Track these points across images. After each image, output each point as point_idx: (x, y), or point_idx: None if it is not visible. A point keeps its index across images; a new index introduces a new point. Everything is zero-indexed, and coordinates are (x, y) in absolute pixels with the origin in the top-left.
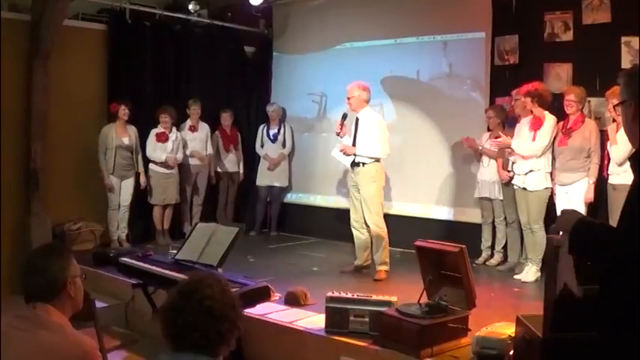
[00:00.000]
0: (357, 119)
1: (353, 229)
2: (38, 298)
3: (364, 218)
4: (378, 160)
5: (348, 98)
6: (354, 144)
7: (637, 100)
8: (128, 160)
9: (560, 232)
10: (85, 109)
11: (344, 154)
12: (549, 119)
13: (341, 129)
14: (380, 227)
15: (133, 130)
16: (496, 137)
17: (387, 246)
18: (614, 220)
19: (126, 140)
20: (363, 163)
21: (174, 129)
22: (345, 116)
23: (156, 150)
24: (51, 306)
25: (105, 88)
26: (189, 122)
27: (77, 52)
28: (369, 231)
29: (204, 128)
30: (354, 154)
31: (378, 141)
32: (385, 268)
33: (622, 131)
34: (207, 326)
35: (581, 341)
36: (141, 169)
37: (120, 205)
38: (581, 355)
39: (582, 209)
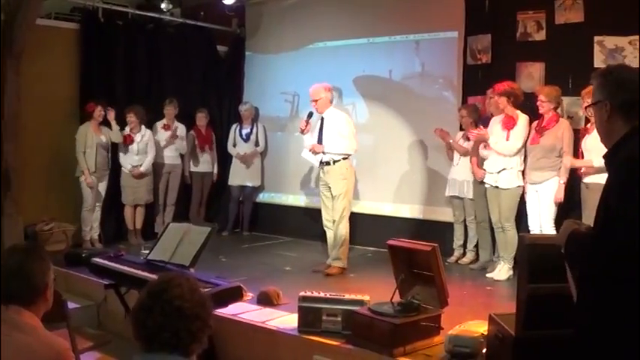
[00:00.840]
0: (323, 118)
1: (326, 229)
2: (16, 302)
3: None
4: (346, 157)
5: (315, 101)
6: (319, 143)
7: (612, 100)
8: (106, 158)
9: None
10: (57, 108)
11: (312, 152)
12: (522, 118)
13: (306, 126)
14: (343, 225)
15: (106, 130)
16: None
17: (347, 244)
18: (586, 218)
19: (103, 138)
20: (334, 161)
21: (142, 127)
22: (310, 114)
23: (125, 153)
24: (24, 308)
25: (77, 87)
26: (164, 121)
27: (49, 52)
28: (334, 228)
29: (178, 128)
30: (323, 152)
31: (345, 137)
32: (339, 264)
33: (593, 136)
34: (178, 326)
35: (554, 339)
36: None
37: (94, 206)
38: (553, 352)
39: (552, 208)
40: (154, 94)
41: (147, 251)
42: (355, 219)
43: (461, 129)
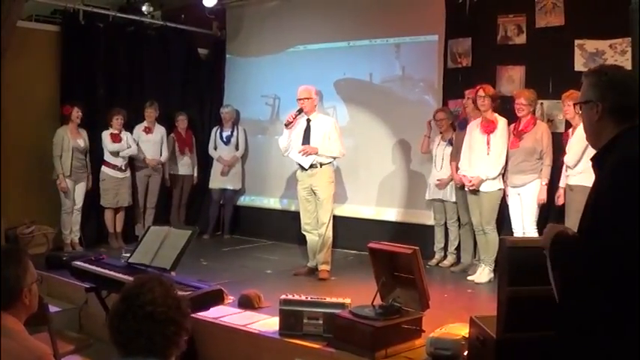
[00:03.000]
0: (309, 121)
1: (305, 233)
2: None
3: (317, 219)
4: (332, 161)
5: (305, 99)
6: (304, 144)
7: (604, 102)
8: (82, 162)
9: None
10: (37, 110)
11: (304, 154)
12: (502, 123)
13: (293, 119)
14: (329, 228)
15: (84, 132)
16: (449, 139)
17: (331, 246)
18: (570, 220)
19: (81, 142)
20: (321, 164)
21: (123, 130)
22: (300, 111)
23: (115, 148)
24: (4, 312)
25: (58, 89)
26: (144, 124)
27: (30, 54)
28: (319, 232)
29: (159, 131)
30: (316, 154)
31: (335, 141)
32: (328, 267)
33: (575, 139)
34: (152, 331)
35: (534, 341)
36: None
37: (73, 209)
38: (534, 354)
39: (534, 210)
40: (135, 96)
41: (128, 254)
42: (336, 222)
43: (439, 132)
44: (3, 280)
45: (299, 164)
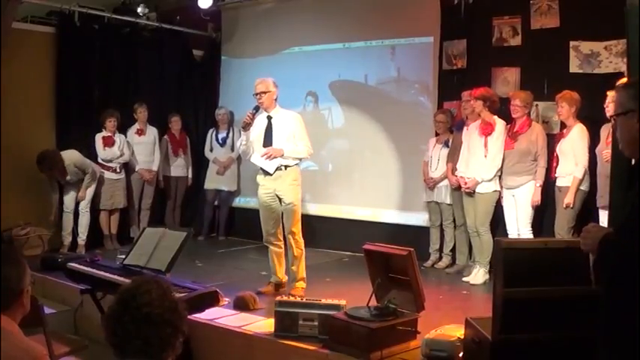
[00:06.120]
0: (270, 118)
1: (269, 245)
2: None
3: (282, 228)
4: (299, 162)
5: (262, 93)
6: (266, 146)
7: None
8: (77, 175)
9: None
10: (32, 111)
11: (268, 158)
12: (499, 125)
13: (251, 120)
14: (300, 237)
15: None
16: (445, 141)
17: (304, 259)
18: (559, 220)
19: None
20: (286, 167)
21: (117, 132)
22: (257, 108)
23: (107, 155)
24: (2, 313)
25: (53, 90)
26: (136, 126)
27: (25, 55)
28: (289, 243)
29: (151, 132)
30: (282, 157)
31: (302, 139)
32: (304, 285)
33: (568, 140)
34: (148, 333)
35: (530, 342)
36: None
37: (80, 210)
38: (529, 356)
39: (529, 212)
40: (130, 98)
41: (123, 256)
42: (331, 223)
43: (436, 134)
44: (4, 280)
45: (262, 169)
